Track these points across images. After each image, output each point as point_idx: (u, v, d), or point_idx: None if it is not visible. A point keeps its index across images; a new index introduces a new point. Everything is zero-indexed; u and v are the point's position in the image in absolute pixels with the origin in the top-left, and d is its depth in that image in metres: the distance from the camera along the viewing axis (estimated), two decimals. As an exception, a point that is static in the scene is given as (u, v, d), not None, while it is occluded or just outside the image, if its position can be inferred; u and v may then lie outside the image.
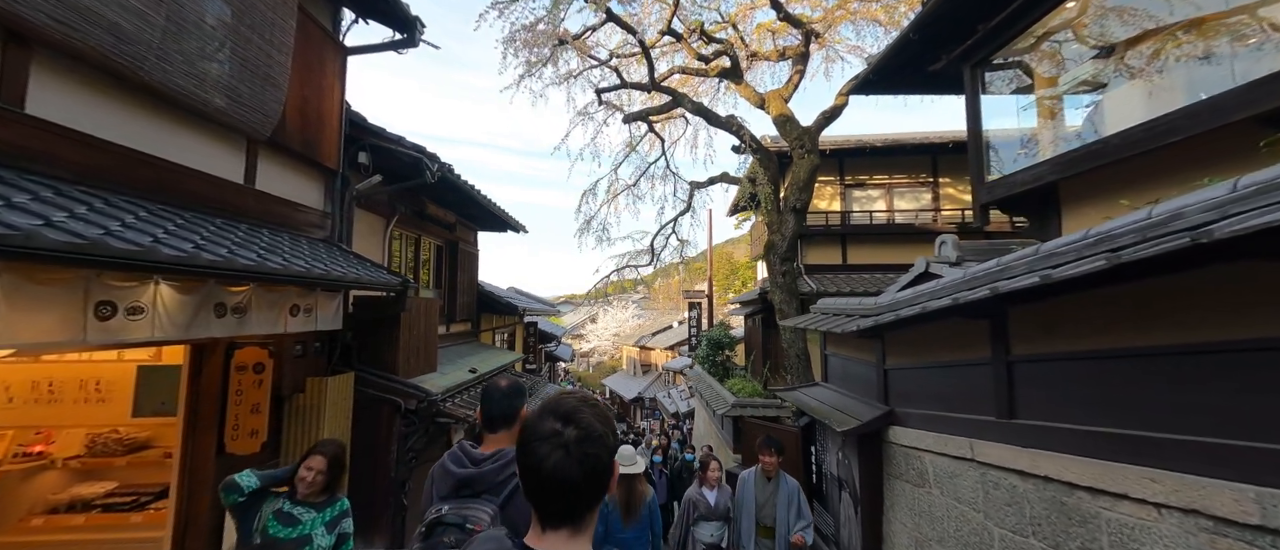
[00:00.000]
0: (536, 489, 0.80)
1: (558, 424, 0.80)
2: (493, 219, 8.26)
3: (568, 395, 0.88)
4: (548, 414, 0.82)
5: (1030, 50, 3.53)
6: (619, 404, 30.40)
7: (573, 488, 0.78)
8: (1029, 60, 3.62)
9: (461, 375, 5.86)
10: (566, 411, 0.82)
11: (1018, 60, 3.78)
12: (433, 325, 5.60)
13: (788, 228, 6.70)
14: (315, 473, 2.34)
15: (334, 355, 4.54)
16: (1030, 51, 3.52)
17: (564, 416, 0.81)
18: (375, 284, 4.13)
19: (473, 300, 8.46)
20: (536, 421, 0.82)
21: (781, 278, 6.92)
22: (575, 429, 0.80)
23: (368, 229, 5.41)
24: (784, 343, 7.27)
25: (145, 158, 2.89)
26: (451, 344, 7.49)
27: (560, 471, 0.77)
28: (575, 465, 0.78)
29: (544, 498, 0.80)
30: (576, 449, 0.78)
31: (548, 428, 0.80)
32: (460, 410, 4.83)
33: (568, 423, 0.80)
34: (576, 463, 0.78)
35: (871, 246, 9.58)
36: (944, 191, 9.63)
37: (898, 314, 2.83)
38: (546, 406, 0.84)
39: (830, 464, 4.22)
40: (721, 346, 12.36)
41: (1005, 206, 3.70)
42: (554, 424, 0.80)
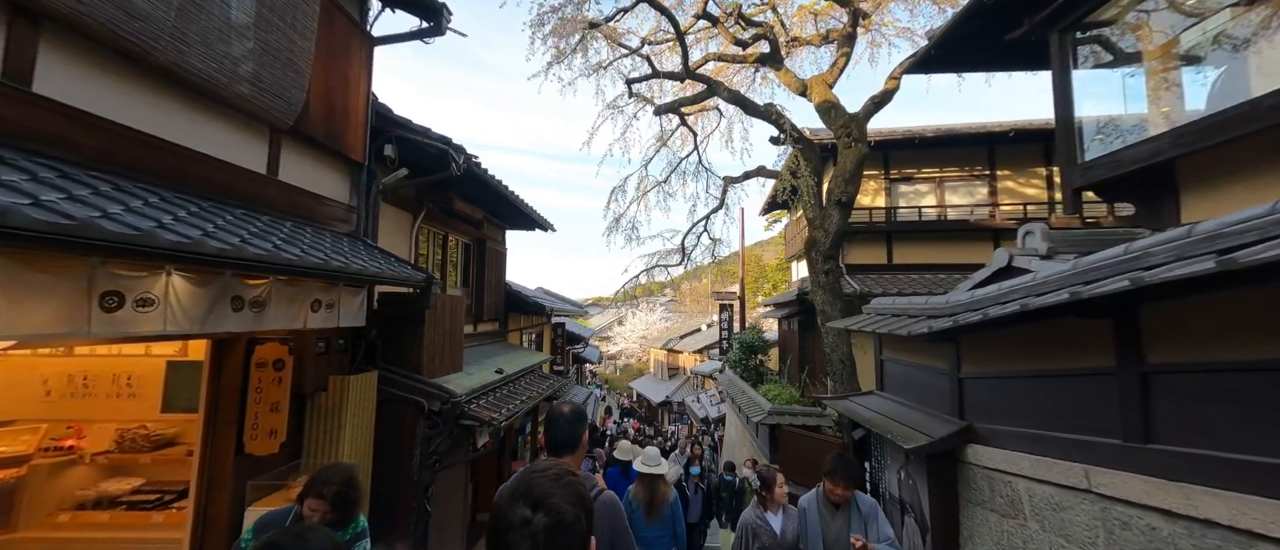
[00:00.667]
0: None
1: (528, 512, 0.77)
2: (520, 217, 8.09)
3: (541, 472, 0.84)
4: (519, 499, 0.79)
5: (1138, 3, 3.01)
6: (646, 407, 30.06)
7: None
8: (1137, 18, 3.09)
9: (488, 376, 5.67)
10: (537, 497, 0.79)
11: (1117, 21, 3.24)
12: (459, 324, 5.42)
13: (831, 223, 6.22)
14: (318, 514, 2.07)
15: (358, 353, 4.40)
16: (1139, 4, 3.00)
17: (535, 502, 0.78)
18: (398, 279, 3.95)
19: (500, 299, 8.31)
20: (507, 507, 0.79)
21: (824, 276, 6.43)
22: (545, 516, 0.77)
23: (394, 225, 5.28)
24: (826, 347, 6.77)
25: (161, 143, 2.76)
26: (479, 344, 7.34)
27: None
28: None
29: None
30: (546, 540, 0.75)
31: (518, 516, 0.77)
32: (485, 413, 4.61)
33: (538, 509, 0.77)
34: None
35: (920, 245, 8.92)
36: (1002, 185, 8.87)
37: (985, 313, 2.39)
38: (518, 488, 0.81)
39: (890, 483, 3.76)
40: (754, 350, 11.85)
41: (1106, 191, 3.17)
42: (524, 512, 0.78)
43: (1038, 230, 3.13)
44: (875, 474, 3.94)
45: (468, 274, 7.40)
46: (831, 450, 7.14)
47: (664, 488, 3.41)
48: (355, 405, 4.00)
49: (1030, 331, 2.52)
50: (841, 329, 6.67)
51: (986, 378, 2.88)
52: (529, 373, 7.02)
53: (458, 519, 5.49)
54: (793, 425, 7.83)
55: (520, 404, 5.42)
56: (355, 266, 3.33)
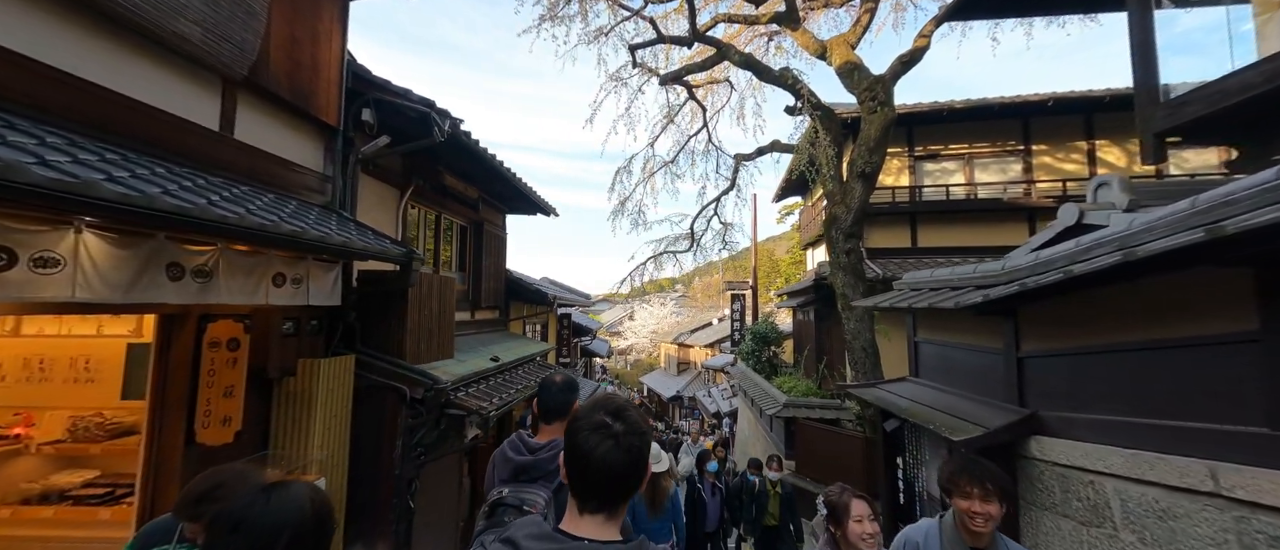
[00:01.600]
0: (581, 475, 0.89)
1: (608, 418, 0.91)
2: (520, 199, 7.68)
3: (614, 395, 1.03)
4: (599, 408, 0.93)
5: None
6: (657, 402, 29.69)
7: (618, 475, 0.88)
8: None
9: (481, 363, 5.28)
10: (616, 408, 0.93)
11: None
12: (449, 307, 5.03)
13: (854, 197, 5.69)
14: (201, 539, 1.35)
15: (335, 336, 4.03)
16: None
17: (613, 412, 0.92)
18: (371, 253, 3.55)
19: (500, 286, 7.93)
20: (588, 413, 0.93)
21: (845, 257, 5.91)
22: (623, 423, 0.90)
23: (378, 200, 4.90)
24: (847, 334, 6.25)
25: (77, 82, 2.38)
26: (476, 332, 6.97)
27: (609, 459, 0.87)
28: (623, 455, 0.88)
29: (587, 484, 0.89)
30: (624, 440, 0.89)
31: (598, 419, 0.90)
32: (474, 401, 4.21)
33: (617, 418, 0.91)
34: (624, 452, 0.88)
35: (947, 226, 8.31)
36: (1038, 161, 8.21)
37: (1068, 270, 1.89)
38: (597, 402, 0.95)
39: (928, 481, 3.28)
40: (768, 341, 11.34)
41: (1201, 132, 2.62)
42: (604, 417, 0.91)
43: (1115, 181, 2.60)
44: (910, 471, 3.46)
45: (464, 258, 7.02)
46: (853, 446, 6.64)
47: (665, 482, 3.49)
48: (328, 392, 3.63)
49: (1124, 293, 2.01)
50: (864, 314, 6.14)
51: (1057, 355, 2.37)
52: (528, 362, 6.62)
53: (449, 517, 5.12)
54: (810, 419, 7.34)
55: (515, 394, 5.01)
56: (314, 234, 2.93)
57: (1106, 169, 7.87)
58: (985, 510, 1.60)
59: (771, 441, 8.64)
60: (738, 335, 13.32)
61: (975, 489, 1.63)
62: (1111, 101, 7.44)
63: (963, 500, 1.65)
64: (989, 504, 1.60)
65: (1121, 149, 7.89)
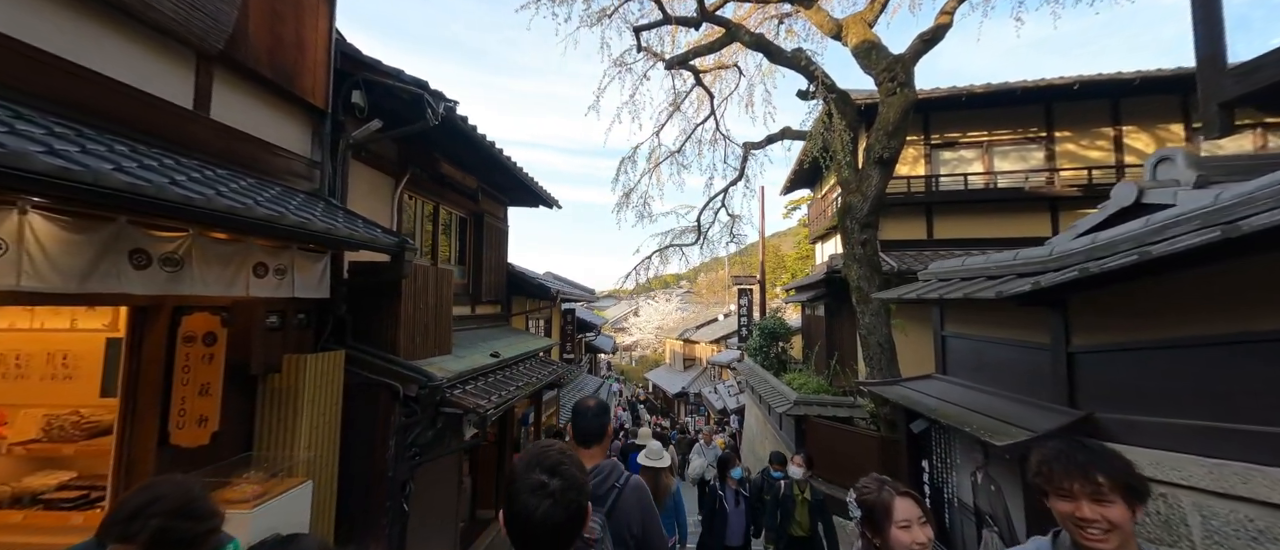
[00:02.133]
0: (522, 535, 0.93)
1: (544, 477, 0.94)
2: (521, 189, 7.45)
3: (550, 447, 1.02)
4: (535, 466, 0.96)
5: None
6: (662, 399, 29.51)
7: (557, 530, 0.92)
8: None
9: (481, 359, 5.07)
10: (551, 465, 0.95)
11: None
12: (446, 300, 4.82)
13: (870, 185, 5.40)
14: None
15: (324, 330, 3.82)
16: None
17: (549, 469, 0.95)
18: (358, 241, 3.33)
19: (502, 280, 7.72)
20: (526, 474, 0.95)
21: (860, 248, 5.63)
22: (559, 480, 0.93)
23: (371, 188, 4.68)
24: (862, 329, 5.98)
25: (32, 52, 2.17)
26: (477, 327, 6.76)
27: (549, 518, 0.91)
28: (562, 511, 0.92)
29: (529, 542, 0.94)
30: (562, 497, 0.92)
31: (536, 480, 0.93)
32: (471, 399, 3.99)
33: (553, 474, 0.94)
34: (563, 508, 0.92)
35: (965, 217, 7.99)
36: (1062, 149, 7.86)
37: (1144, 252, 1.63)
38: (532, 459, 0.98)
39: (958, 488, 3.02)
40: (776, 337, 11.08)
41: (1274, 99, 2.32)
42: (541, 477, 0.94)
43: (1180, 155, 2.33)
44: (937, 476, 3.21)
45: (465, 251, 6.82)
46: (868, 445, 6.39)
47: (666, 479, 3.66)
48: (316, 389, 3.43)
49: (1204, 280, 1.74)
50: (880, 308, 5.87)
51: (1119, 351, 2.11)
52: (530, 358, 6.41)
53: (449, 518, 4.93)
54: (821, 417, 7.08)
55: (515, 391, 4.80)
56: (294, 219, 2.71)
57: (1135, 157, 7.52)
58: (1100, 515, 1.10)
59: (781, 439, 8.40)
60: (745, 331, 13.06)
61: (1078, 484, 1.13)
62: (1141, 84, 7.08)
63: (1064, 502, 1.16)
64: (1105, 505, 1.10)
65: (1151, 135, 7.52)
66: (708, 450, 6.53)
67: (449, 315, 4.93)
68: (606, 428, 1.83)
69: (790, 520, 4.12)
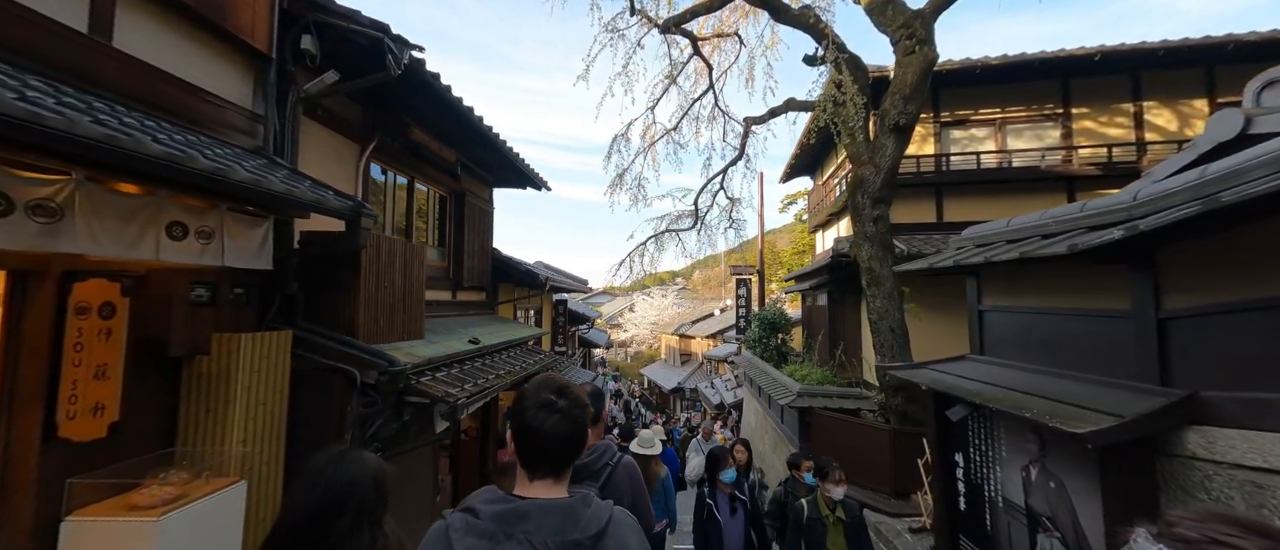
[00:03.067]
0: (532, 446, 1.02)
1: (552, 396, 1.02)
2: (507, 168, 6.96)
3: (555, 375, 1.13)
4: (543, 387, 1.05)
5: None
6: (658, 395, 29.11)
7: (564, 443, 1.02)
8: None
9: (457, 346, 4.59)
10: (559, 386, 1.05)
11: None
12: (417, 280, 4.33)
13: (884, 156, 4.95)
14: None
15: (271, 308, 3.34)
16: None
17: (557, 390, 1.04)
18: (299, 200, 2.84)
19: (486, 266, 7.23)
20: (535, 392, 1.04)
21: (872, 226, 5.19)
22: (566, 399, 1.03)
23: (331, 153, 4.18)
24: (872, 313, 5.55)
25: None
26: (458, 314, 6.28)
27: (557, 430, 1.00)
28: (569, 425, 1.02)
29: (538, 454, 1.02)
30: (569, 413, 1.02)
31: (545, 398, 1.02)
32: (438, 388, 3.52)
33: (560, 395, 1.03)
34: (570, 422, 1.02)
35: (976, 199, 7.58)
36: (1079, 126, 7.45)
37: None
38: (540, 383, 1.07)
39: (1004, 485, 2.58)
40: (776, 328, 10.66)
41: None
42: (549, 395, 1.03)
43: (1294, 74, 1.87)
44: (975, 471, 2.77)
45: (444, 232, 6.32)
46: (880, 439, 5.97)
47: (655, 466, 3.78)
48: (254, 374, 2.94)
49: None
50: (893, 290, 5.44)
51: (1231, 312, 1.66)
52: (514, 346, 5.94)
53: (422, 521, 4.45)
54: (827, 409, 6.66)
55: (495, 380, 4.33)
56: (207, 164, 2.22)
57: (1156, 134, 7.13)
58: None
59: (783, 434, 7.98)
60: (743, 322, 12.64)
61: None
62: (1166, 56, 6.69)
63: None
64: None
65: (1173, 111, 7.13)
66: (704, 446, 6.04)
67: (421, 297, 4.44)
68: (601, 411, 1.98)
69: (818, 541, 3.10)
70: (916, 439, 5.41)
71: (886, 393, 5.79)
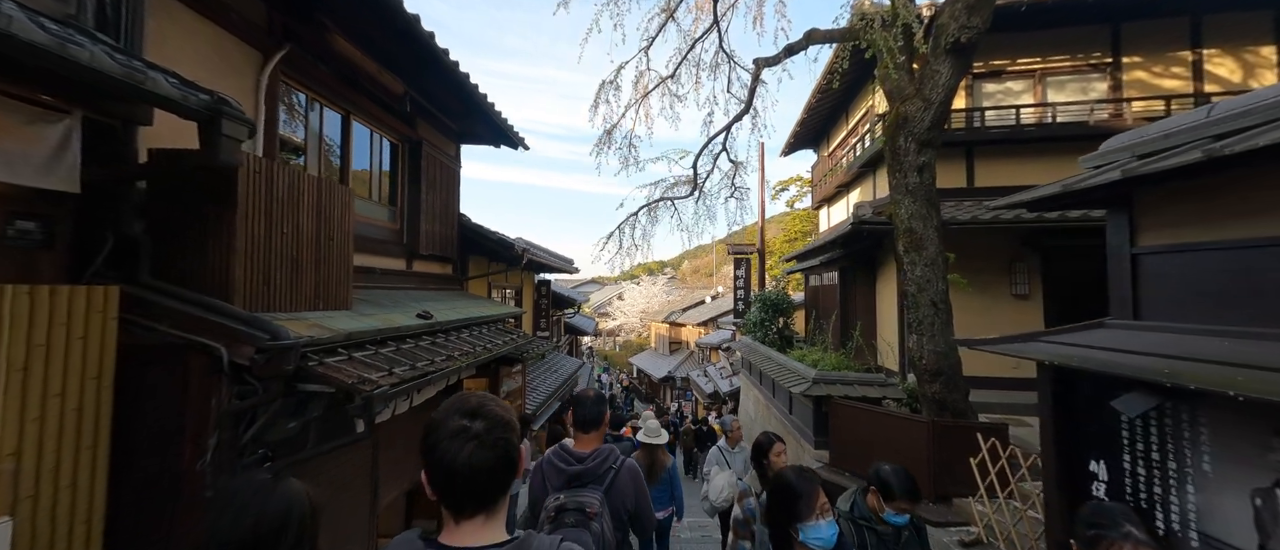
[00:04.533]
0: (449, 484, 0.84)
1: (465, 421, 0.85)
2: (475, 117, 5.88)
3: (468, 394, 0.93)
4: (453, 413, 0.87)
5: None
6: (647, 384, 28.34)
7: (487, 474, 0.84)
8: None
9: (401, 320, 3.55)
10: (471, 408, 0.87)
11: None
12: (341, 231, 3.29)
13: (937, 86, 4.02)
14: None
15: (96, 255, 2.28)
16: None
17: (469, 413, 0.86)
18: (108, 75, 1.76)
19: (452, 234, 6.16)
20: (444, 421, 0.86)
21: (916, 176, 4.28)
22: (483, 421, 0.85)
23: (215, 56, 3.07)
24: (911, 285, 4.66)
25: None
26: (414, 287, 5.24)
27: (475, 461, 0.82)
28: (489, 452, 0.83)
29: (457, 490, 0.85)
30: (488, 437, 0.84)
31: (456, 425, 0.84)
32: (354, 370, 2.49)
33: (474, 417, 0.85)
34: (490, 449, 0.83)
35: (1012, 161, 6.72)
36: (1131, 78, 6.60)
37: None
38: (450, 407, 0.89)
39: (1205, 514, 1.69)
40: (779, 310, 9.77)
41: None
42: (461, 422, 0.85)
43: None
44: (1139, 491, 1.88)
45: (396, 188, 5.23)
46: (915, 434, 5.11)
47: (662, 455, 3.76)
48: (34, 350, 1.90)
49: None
50: (937, 257, 4.55)
51: None
52: (481, 324, 4.91)
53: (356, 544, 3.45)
54: (848, 398, 5.78)
55: (445, 363, 3.31)
56: None
57: (1217, 85, 6.31)
58: None
59: (791, 426, 7.11)
60: (742, 305, 11.75)
61: None
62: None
63: None
64: None
65: (1236, 60, 6.32)
66: (736, 457, 4.23)
67: (347, 255, 3.40)
68: (604, 415, 2.07)
69: None
70: (963, 434, 4.54)
71: (923, 378, 4.92)
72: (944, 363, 4.78)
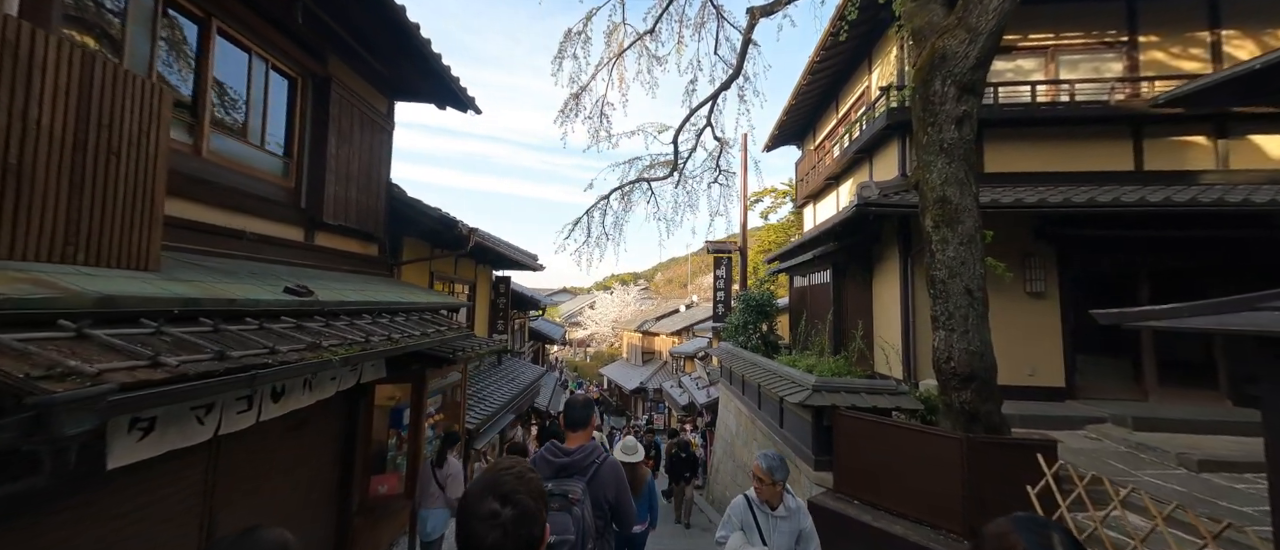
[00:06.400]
0: None
1: (496, 505, 0.90)
2: (412, 62, 4.74)
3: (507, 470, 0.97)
4: (489, 493, 0.92)
5: None
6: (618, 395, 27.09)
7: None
8: None
9: (240, 293, 2.36)
10: (505, 492, 0.92)
11: None
12: (140, 151, 2.13)
13: (987, 9, 3.20)
14: None
15: None
16: None
17: (502, 497, 0.91)
18: None
19: (377, 204, 4.97)
20: (479, 499, 0.91)
21: (954, 130, 3.45)
22: (512, 509, 0.90)
23: None
24: (940, 269, 3.80)
25: None
26: (315, 265, 4.04)
27: (497, 547, 0.87)
28: (511, 542, 0.88)
29: None
30: (513, 529, 0.89)
31: (489, 508, 0.90)
32: (38, 359, 1.31)
33: (506, 503, 0.90)
34: (513, 540, 0.88)
35: (1026, 145, 6.08)
36: (1146, 57, 6.09)
37: None
38: (486, 484, 0.94)
39: None
40: (764, 313, 8.87)
41: None
42: (493, 505, 0.90)
43: None
44: None
45: (291, 134, 4.03)
46: (946, 451, 4.22)
47: (642, 470, 3.94)
48: None
49: None
50: (974, 234, 3.70)
51: None
52: (398, 312, 3.73)
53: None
54: (856, 408, 4.85)
55: (292, 356, 2.14)
56: None
57: (1238, 68, 5.85)
58: None
59: (781, 442, 6.13)
60: (722, 307, 10.82)
61: None
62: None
63: None
64: None
65: (1257, 42, 5.88)
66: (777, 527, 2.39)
67: (152, 187, 2.22)
68: (590, 418, 2.34)
69: None
70: (1005, 452, 3.66)
71: (949, 384, 4.04)
72: (978, 365, 3.92)
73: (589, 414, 2.33)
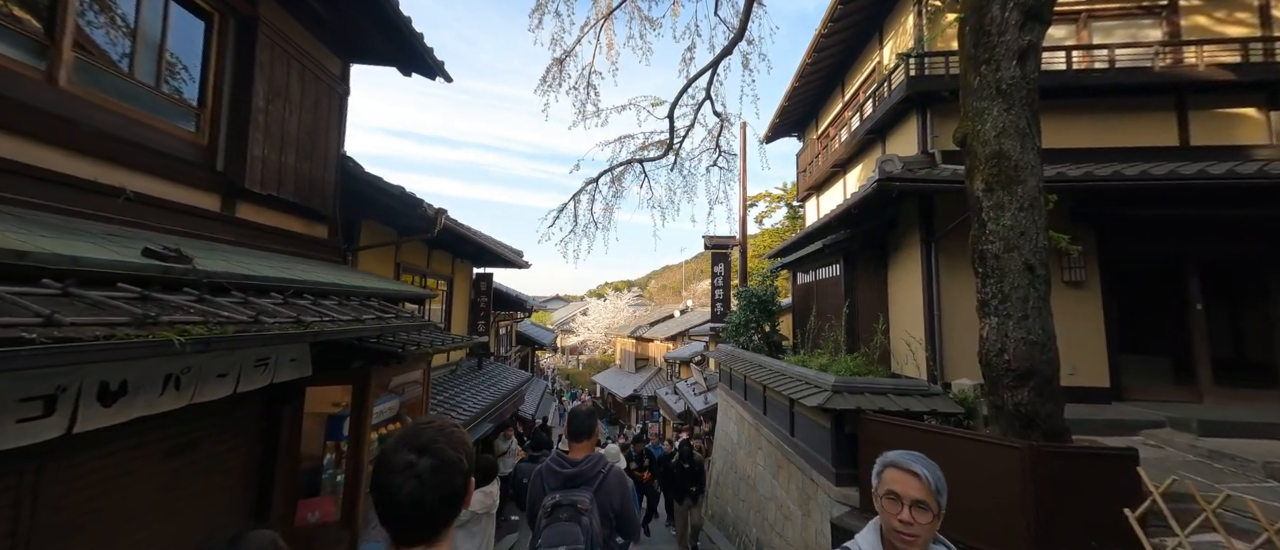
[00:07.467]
0: (391, 515, 0.85)
1: (412, 456, 0.85)
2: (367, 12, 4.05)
3: (426, 424, 0.92)
4: (403, 446, 0.87)
5: None
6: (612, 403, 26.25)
7: (427, 512, 0.85)
8: None
9: (54, 246, 1.63)
10: (422, 443, 0.86)
11: None
12: None
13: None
14: None
15: None
16: None
17: (419, 448, 0.86)
18: None
19: (322, 178, 4.26)
20: (393, 452, 0.86)
21: (1016, 68, 2.86)
22: (430, 459, 0.85)
23: None
24: (993, 242, 3.17)
25: None
26: (234, 242, 3.31)
27: (414, 498, 0.83)
28: (430, 492, 0.84)
29: (398, 523, 0.85)
30: (430, 478, 0.84)
31: (403, 460, 0.85)
32: None
33: (422, 454, 0.85)
34: (432, 489, 0.84)
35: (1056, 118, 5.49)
36: (1189, 22, 5.56)
37: None
38: (402, 437, 0.89)
39: None
40: (767, 310, 8.20)
41: None
42: (408, 456, 0.85)
43: None
44: None
45: (206, 82, 3.32)
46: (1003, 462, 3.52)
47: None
48: None
49: None
50: (1037, 197, 3.06)
51: None
52: (323, 294, 2.99)
53: None
54: (885, 412, 4.17)
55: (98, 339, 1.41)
56: None
57: (1290, 32, 5.33)
58: None
59: (790, 452, 5.43)
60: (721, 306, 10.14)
61: None
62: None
63: None
64: None
65: (1309, 3, 5.37)
66: None
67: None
68: (594, 428, 2.36)
69: None
70: (1080, 463, 2.99)
71: (1002, 381, 3.38)
72: (1038, 358, 3.27)
73: (593, 424, 2.36)
